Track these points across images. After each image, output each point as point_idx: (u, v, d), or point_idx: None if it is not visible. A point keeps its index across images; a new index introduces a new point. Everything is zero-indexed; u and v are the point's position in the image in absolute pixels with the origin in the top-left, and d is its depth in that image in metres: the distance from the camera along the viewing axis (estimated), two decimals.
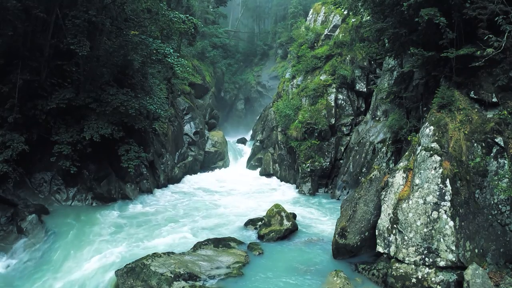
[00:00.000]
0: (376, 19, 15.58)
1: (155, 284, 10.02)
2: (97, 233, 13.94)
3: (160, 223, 15.57)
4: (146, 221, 15.66)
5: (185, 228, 15.04)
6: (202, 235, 14.06)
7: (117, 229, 14.49)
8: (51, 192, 16.21)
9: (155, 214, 16.74)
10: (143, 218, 16.13)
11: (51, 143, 15.68)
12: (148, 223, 15.48)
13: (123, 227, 14.81)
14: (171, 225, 15.28)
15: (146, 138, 20.36)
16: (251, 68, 51.78)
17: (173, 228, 14.95)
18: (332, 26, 27.82)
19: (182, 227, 15.11)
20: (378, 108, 20.72)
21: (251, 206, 18.57)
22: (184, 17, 19.67)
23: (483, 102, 11.47)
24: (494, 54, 10.51)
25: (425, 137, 11.26)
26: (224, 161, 30.90)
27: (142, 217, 16.27)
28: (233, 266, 11.30)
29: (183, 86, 29.53)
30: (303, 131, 23.07)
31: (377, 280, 10.63)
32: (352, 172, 20.29)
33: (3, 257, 12.51)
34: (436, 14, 11.32)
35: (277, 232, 13.95)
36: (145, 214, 16.67)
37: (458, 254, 9.57)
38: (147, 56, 18.55)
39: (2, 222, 13.82)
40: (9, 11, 14.36)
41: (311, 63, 26.23)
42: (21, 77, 14.94)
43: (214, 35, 43.27)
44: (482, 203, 10.47)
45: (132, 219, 15.87)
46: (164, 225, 15.32)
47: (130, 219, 15.77)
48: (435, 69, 13.10)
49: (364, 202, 12.23)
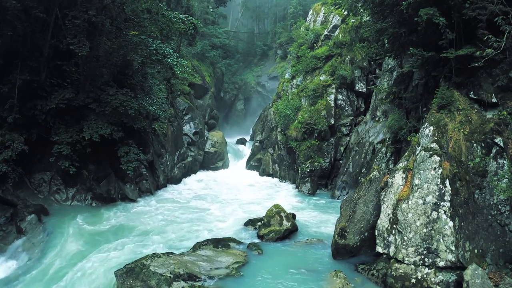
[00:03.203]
0: (376, 19, 15.58)
1: (155, 284, 10.01)
2: (97, 234, 13.94)
3: (159, 223, 15.56)
4: (146, 221, 15.65)
5: (184, 228, 15.05)
6: (201, 235, 14.06)
7: (116, 229, 14.50)
8: (50, 192, 16.21)
9: (154, 214, 16.73)
10: (142, 218, 16.11)
11: (51, 143, 15.69)
12: (148, 223, 15.47)
13: (122, 227, 14.80)
14: (170, 225, 15.27)
15: (145, 138, 20.36)
16: (250, 68, 51.81)
17: (172, 228, 14.94)
18: (332, 26, 27.83)
19: (181, 227, 15.11)
20: (378, 108, 20.73)
21: (251, 206, 18.57)
22: (184, 17, 19.68)
23: (483, 103, 11.47)
24: (494, 54, 10.49)
25: (425, 138, 11.26)
26: (223, 162, 30.89)
27: (142, 217, 16.26)
28: (232, 266, 11.27)
29: (182, 87, 29.54)
30: (303, 131, 23.08)
31: (376, 280, 10.62)
32: (351, 172, 20.30)
33: (2, 258, 12.50)
34: (436, 14, 11.32)
35: (277, 233, 13.94)
36: (145, 214, 16.66)
37: (458, 255, 9.57)
38: (146, 57, 18.56)
39: (1, 222, 13.82)
40: (8, 12, 14.36)
41: (311, 64, 26.25)
42: (20, 77, 14.96)
43: (214, 35, 43.30)
44: (482, 204, 10.46)
45: (132, 219, 15.87)
46: (163, 225, 15.32)
47: (130, 219, 15.77)
48: (435, 70, 13.10)
49: (363, 202, 12.23)
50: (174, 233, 14.45)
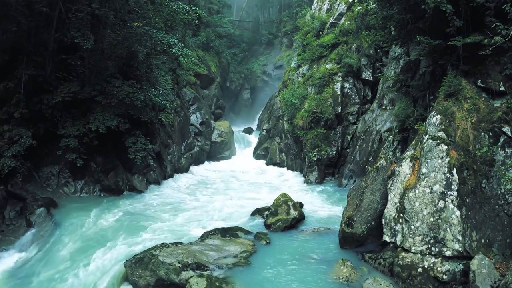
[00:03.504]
0: (382, 6, 15.37)
1: (164, 274, 10.16)
2: (105, 225, 14.08)
3: (168, 213, 15.69)
4: (154, 212, 15.81)
5: (192, 217, 15.19)
6: (209, 225, 14.18)
7: (125, 220, 14.61)
8: (59, 185, 16.37)
9: (163, 205, 16.88)
10: (151, 208, 16.27)
11: (58, 136, 15.79)
12: (156, 213, 15.62)
13: (131, 218, 14.92)
14: (179, 215, 15.41)
15: (152, 129, 20.43)
16: (256, 57, 51.49)
17: (179, 218, 15.09)
18: (338, 14, 27.47)
19: (190, 217, 15.25)
20: (385, 96, 20.57)
21: (258, 195, 18.66)
22: (188, 7, 19.62)
23: (491, 91, 11.33)
24: (502, 42, 10.34)
25: (432, 126, 11.18)
26: (230, 151, 30.91)
27: (150, 207, 16.41)
28: (240, 255, 11.38)
29: (188, 77, 29.49)
30: (309, 120, 22.99)
31: (383, 269, 10.68)
32: (358, 161, 20.25)
33: (12, 250, 12.71)
34: (443, 1, 11.15)
35: (284, 222, 14.01)
36: (153, 205, 16.81)
37: (465, 244, 9.57)
38: (151, 48, 18.51)
39: (11, 216, 14.03)
40: (12, 7, 14.38)
41: (317, 52, 26.01)
42: (26, 72, 15.02)
43: (219, 25, 43.02)
44: (489, 193, 10.40)
45: (140, 210, 16.02)
46: (172, 215, 15.46)
47: (138, 210, 15.92)
48: (442, 58, 12.95)
49: (370, 191, 12.23)
50: (182, 223, 14.59)
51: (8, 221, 13.90)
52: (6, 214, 14.07)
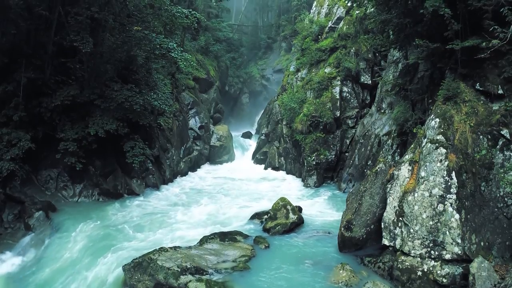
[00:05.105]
0: (381, 10, 15.41)
1: (162, 278, 10.10)
2: (104, 229, 14.01)
3: (166, 217, 15.63)
4: (153, 216, 15.74)
5: (190, 221, 15.12)
6: (208, 229, 14.13)
7: (123, 224, 14.56)
8: (57, 189, 16.34)
9: (161, 209, 16.84)
10: (149, 213, 16.22)
11: (57, 140, 15.78)
12: (155, 218, 15.55)
13: (129, 222, 14.87)
14: (178, 220, 15.36)
15: (151, 133, 20.42)
16: (255, 61, 51.62)
17: (178, 222, 15.04)
18: (336, 18, 27.60)
19: (188, 221, 15.20)
20: (383, 100, 20.59)
21: (257, 200, 18.61)
22: (187, 11, 19.65)
23: (489, 94, 11.34)
24: (500, 45, 10.37)
25: (431, 130, 11.19)
26: (229, 155, 30.91)
27: (149, 212, 16.37)
28: (239, 259, 11.32)
29: (187, 81, 29.52)
30: (308, 124, 23.00)
31: (382, 273, 10.64)
32: (357, 164, 20.24)
33: (11, 254, 12.65)
34: (441, 5, 11.18)
35: (283, 226, 13.97)
36: (152, 209, 16.77)
37: (464, 247, 9.55)
38: (150, 51, 18.56)
39: (9, 219, 14.00)
40: (11, 10, 14.41)
41: (316, 56, 26.09)
42: (25, 75, 15.02)
43: (218, 29, 43.12)
44: (488, 196, 10.40)
45: (138, 213, 15.96)
46: (170, 219, 15.40)
47: (136, 214, 15.86)
48: (441, 61, 12.97)
49: (369, 194, 12.21)
50: (180, 227, 14.53)
51: (6, 224, 13.88)
52: (5, 217, 14.05)
